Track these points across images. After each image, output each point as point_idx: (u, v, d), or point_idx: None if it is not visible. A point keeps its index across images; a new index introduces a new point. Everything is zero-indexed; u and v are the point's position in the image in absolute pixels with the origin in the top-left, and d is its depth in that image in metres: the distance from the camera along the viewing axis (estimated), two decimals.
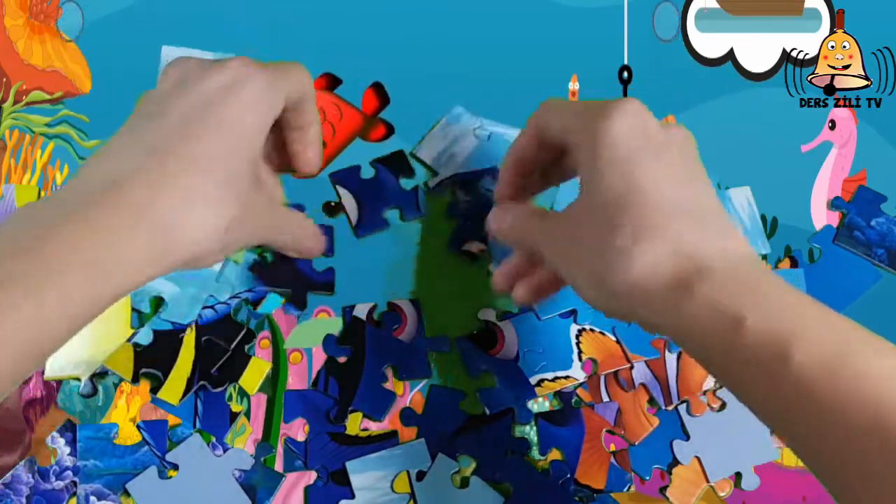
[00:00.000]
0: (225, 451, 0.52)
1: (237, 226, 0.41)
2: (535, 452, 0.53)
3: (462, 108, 0.57)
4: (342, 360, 0.53)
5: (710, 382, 0.54)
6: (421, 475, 0.52)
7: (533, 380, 0.53)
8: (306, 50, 0.57)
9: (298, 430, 0.53)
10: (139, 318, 0.53)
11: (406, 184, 0.56)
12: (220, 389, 0.53)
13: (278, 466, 0.53)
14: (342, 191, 0.56)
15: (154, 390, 0.53)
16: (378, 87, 0.57)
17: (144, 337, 0.53)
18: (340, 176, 0.56)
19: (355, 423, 0.53)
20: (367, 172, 0.56)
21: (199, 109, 0.41)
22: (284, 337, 0.54)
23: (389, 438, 0.53)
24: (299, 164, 0.48)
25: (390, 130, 0.57)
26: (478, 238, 0.55)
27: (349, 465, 0.52)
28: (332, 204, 0.56)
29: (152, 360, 0.53)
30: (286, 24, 0.58)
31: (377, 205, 0.55)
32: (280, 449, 0.53)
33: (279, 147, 0.48)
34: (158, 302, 0.53)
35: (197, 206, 0.39)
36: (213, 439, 0.53)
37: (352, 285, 0.54)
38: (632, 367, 0.54)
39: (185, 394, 0.52)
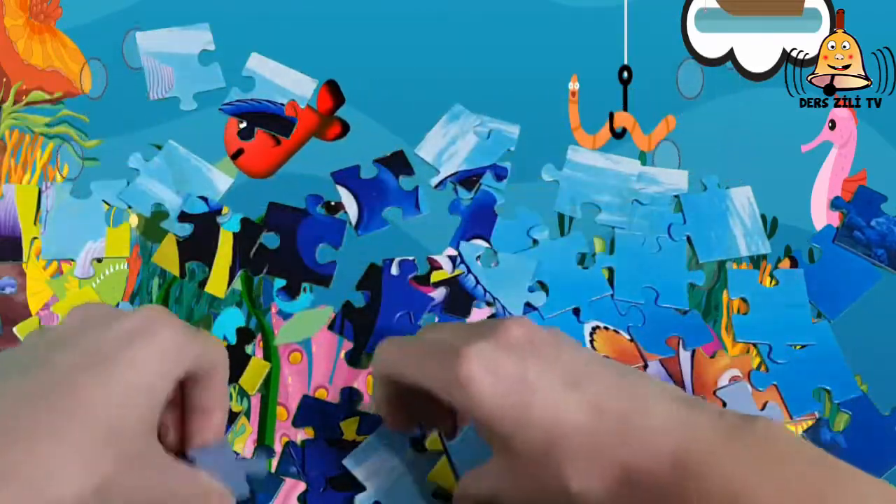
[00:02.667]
0: (237, 454, 0.52)
1: (113, 486, 0.36)
2: None
3: (462, 106, 0.57)
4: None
5: (724, 380, 0.54)
6: (416, 442, 0.52)
7: None
8: (304, 49, 0.58)
9: (299, 433, 0.53)
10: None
11: (406, 183, 0.56)
12: (259, 276, 0.54)
13: (274, 468, 0.53)
14: (342, 190, 0.56)
15: (201, 284, 0.54)
16: (332, 86, 0.57)
17: (182, 229, 0.55)
18: (341, 176, 0.56)
19: (352, 429, 0.53)
20: (368, 172, 0.56)
21: (92, 355, 0.37)
22: (275, 333, 0.54)
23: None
24: (194, 445, 0.43)
25: (345, 129, 0.57)
26: (479, 235, 0.55)
27: (346, 462, 0.52)
28: (332, 203, 0.56)
29: (196, 251, 0.55)
30: (285, 23, 0.58)
31: (377, 204, 0.55)
32: (277, 448, 0.53)
33: (175, 424, 0.43)
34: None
35: (66, 462, 0.35)
36: None
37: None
38: (646, 366, 0.54)
39: (228, 284, 0.54)
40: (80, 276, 0.54)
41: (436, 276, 0.55)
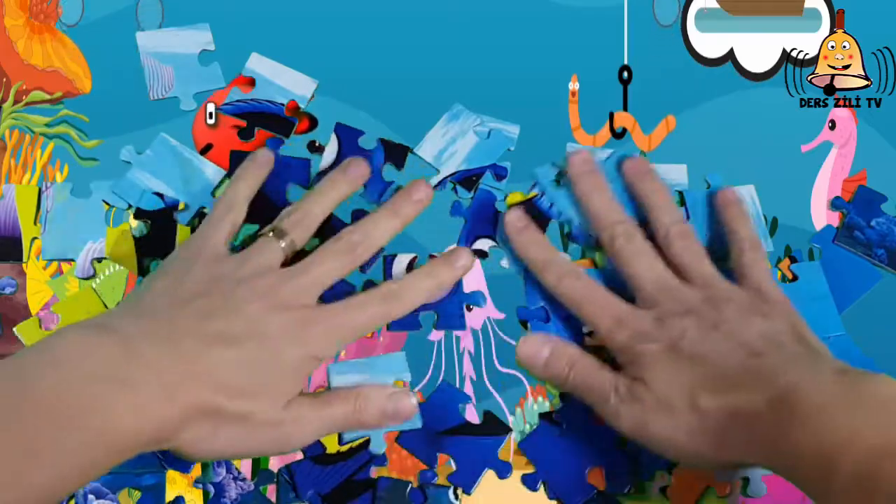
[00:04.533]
0: (228, 469, 0.52)
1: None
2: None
3: (462, 105, 0.57)
4: None
5: None
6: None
7: (586, 329, 0.53)
8: (304, 49, 0.57)
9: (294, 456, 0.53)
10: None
11: (387, 173, 0.56)
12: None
13: (271, 495, 0.53)
14: (334, 138, 0.56)
15: None
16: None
17: (139, 229, 0.55)
18: (343, 130, 0.56)
19: (333, 442, 0.53)
20: (368, 143, 0.56)
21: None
22: None
23: (370, 446, 0.53)
24: None
25: (314, 122, 0.57)
26: (485, 235, 0.55)
27: (330, 367, 0.52)
28: (317, 144, 0.56)
29: (153, 247, 0.54)
30: (285, 23, 0.58)
31: None
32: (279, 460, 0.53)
33: None
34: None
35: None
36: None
37: None
38: None
39: None
40: (80, 276, 0.54)
41: (511, 199, 0.56)
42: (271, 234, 0.49)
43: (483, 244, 0.55)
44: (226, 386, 0.43)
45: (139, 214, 0.55)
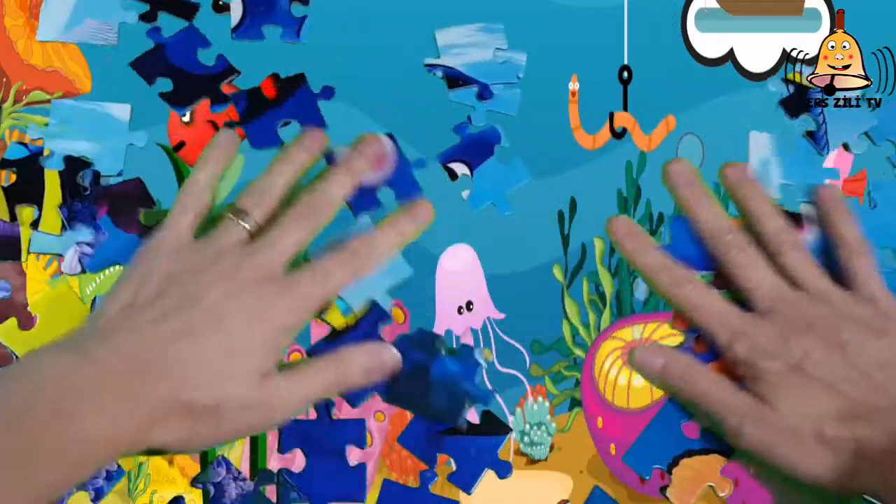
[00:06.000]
0: (228, 469, 0.52)
1: None
2: None
3: (502, 25, 0.57)
4: None
5: None
6: None
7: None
8: (305, 51, 0.57)
9: (292, 461, 0.53)
10: None
11: (296, 9, 0.57)
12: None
13: (271, 495, 0.53)
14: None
15: (34, 225, 0.54)
16: (276, 78, 0.57)
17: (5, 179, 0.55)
18: None
19: None
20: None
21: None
22: None
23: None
24: None
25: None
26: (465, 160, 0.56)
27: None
28: (221, 3, 0.56)
29: (23, 195, 0.55)
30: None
31: (260, 19, 0.57)
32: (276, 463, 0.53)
33: None
34: None
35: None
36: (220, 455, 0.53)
37: None
38: None
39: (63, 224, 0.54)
40: (67, 272, 0.54)
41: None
42: (230, 215, 0.48)
43: (458, 167, 0.55)
44: (190, 380, 0.43)
45: (4, 164, 0.55)
